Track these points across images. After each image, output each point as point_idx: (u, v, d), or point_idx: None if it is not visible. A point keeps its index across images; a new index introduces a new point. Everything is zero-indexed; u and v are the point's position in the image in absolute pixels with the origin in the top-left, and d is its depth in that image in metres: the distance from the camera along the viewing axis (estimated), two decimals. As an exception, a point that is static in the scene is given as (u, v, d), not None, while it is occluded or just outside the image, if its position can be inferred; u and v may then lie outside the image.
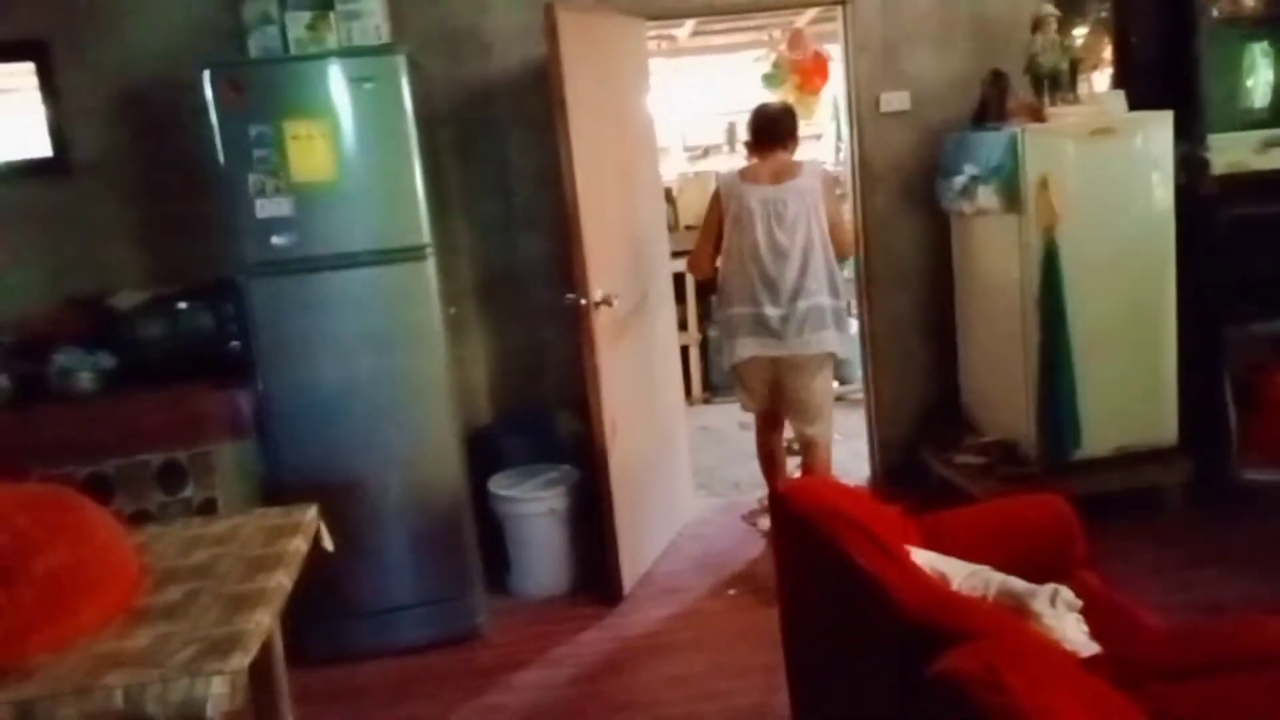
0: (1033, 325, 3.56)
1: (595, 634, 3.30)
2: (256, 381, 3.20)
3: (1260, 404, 4.07)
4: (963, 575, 1.97)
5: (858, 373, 4.68)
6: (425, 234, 3.16)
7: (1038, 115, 3.62)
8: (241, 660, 1.61)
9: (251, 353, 3.19)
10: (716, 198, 3.68)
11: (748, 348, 3.58)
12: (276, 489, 3.20)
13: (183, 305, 3.43)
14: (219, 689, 1.55)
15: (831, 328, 3.54)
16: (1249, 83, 4.15)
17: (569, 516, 3.59)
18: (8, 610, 1.68)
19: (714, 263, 3.71)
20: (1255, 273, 3.86)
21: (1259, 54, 4.13)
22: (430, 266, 3.19)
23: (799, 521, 2.01)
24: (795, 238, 3.50)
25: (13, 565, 1.72)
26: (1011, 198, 3.52)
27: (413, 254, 3.16)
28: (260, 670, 2.26)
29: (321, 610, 3.18)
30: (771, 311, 3.50)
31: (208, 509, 3.22)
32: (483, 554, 3.43)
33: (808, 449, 3.69)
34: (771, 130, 3.65)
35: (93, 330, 3.43)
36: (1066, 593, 1.91)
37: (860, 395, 4.54)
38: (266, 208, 3.05)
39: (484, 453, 3.73)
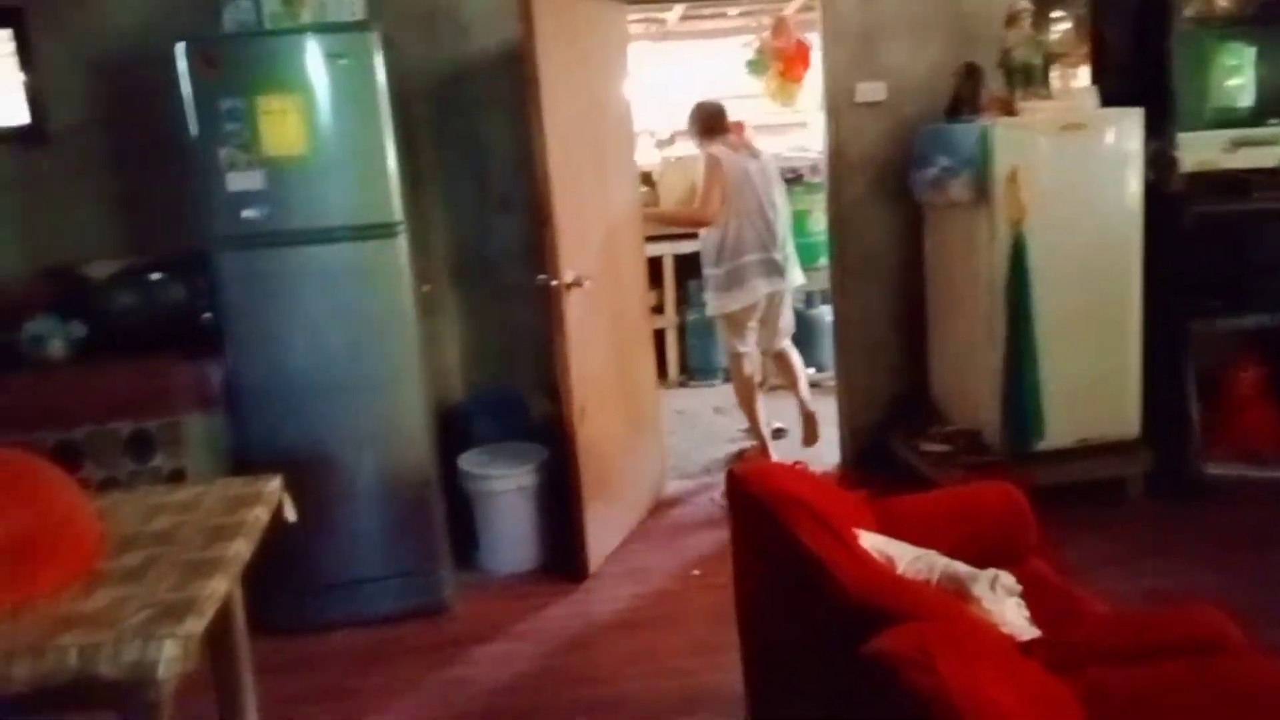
0: (999, 316, 3.61)
1: (560, 610, 3.34)
2: (226, 354, 3.22)
3: (1222, 399, 4.14)
4: (909, 559, 2.02)
5: (830, 360, 4.73)
6: (397, 211, 3.18)
7: (1009, 109, 3.66)
8: (195, 625, 1.64)
9: (221, 326, 3.21)
10: (718, 164, 4.25)
11: (760, 287, 4.32)
12: (245, 461, 3.22)
13: (155, 276, 3.44)
14: (171, 651, 1.57)
15: (796, 267, 4.54)
16: (1221, 82, 4.20)
17: (538, 494, 3.63)
18: (-36, 572, 1.70)
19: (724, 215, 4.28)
20: (1219, 269, 3.92)
21: (1231, 54, 4.18)
22: (402, 244, 3.21)
23: (752, 502, 2.05)
24: (776, 199, 4.40)
25: None
26: (981, 190, 3.56)
27: (384, 231, 3.18)
28: (220, 638, 2.30)
29: (288, 581, 3.22)
30: (776, 255, 4.35)
31: (176, 479, 3.23)
32: (452, 530, 3.46)
33: (782, 359, 4.61)
34: (723, 119, 4.46)
35: (65, 299, 3.43)
36: (1007, 577, 1.95)
37: (833, 382, 4.59)
38: (237, 181, 3.06)
39: (455, 431, 3.76)
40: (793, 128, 7.03)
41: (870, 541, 2.02)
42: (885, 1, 4.03)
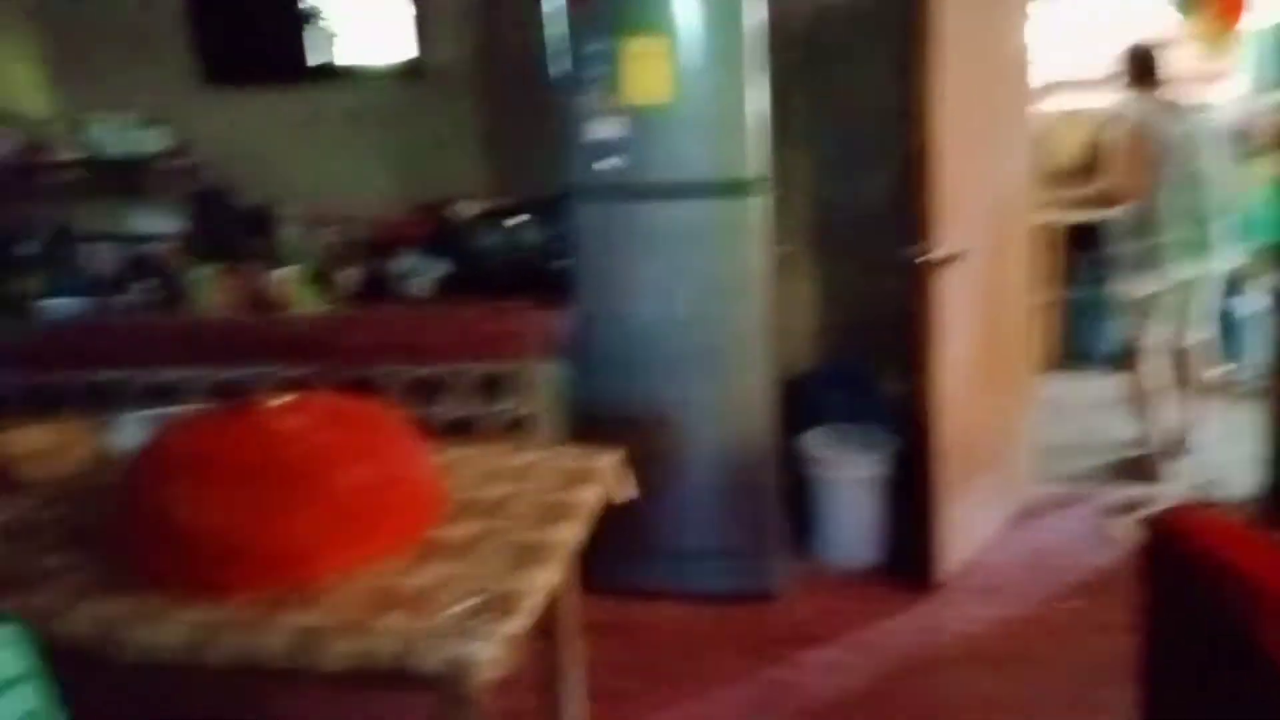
0: None
1: (901, 623, 2.98)
2: (575, 303, 3.13)
3: None
4: None
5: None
6: (760, 166, 2.90)
7: None
8: (517, 624, 1.49)
9: (574, 274, 3.13)
10: (1139, 130, 3.65)
11: (1179, 270, 3.71)
12: (586, 413, 3.15)
13: (515, 220, 3.43)
14: (490, 653, 1.43)
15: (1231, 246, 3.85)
16: None
17: (884, 486, 3.26)
18: (303, 527, 1.66)
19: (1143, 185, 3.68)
20: None
21: None
22: (762, 202, 2.93)
23: (1189, 574, 1.57)
24: (1211, 165, 3.71)
25: (312, 481, 1.71)
26: None
27: (744, 187, 2.91)
28: (547, 613, 2.19)
29: (615, 541, 3.08)
30: (1205, 232, 3.70)
31: (523, 424, 3.24)
32: (786, 512, 3.20)
33: (1189, 355, 3.91)
34: (1154, 67, 3.74)
35: (433, 236, 3.52)
36: None
37: (1254, 383, 3.78)
38: (597, 129, 2.92)
39: (799, 405, 3.47)
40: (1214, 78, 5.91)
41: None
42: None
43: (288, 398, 1.90)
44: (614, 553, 3.12)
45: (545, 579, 1.64)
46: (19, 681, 1.29)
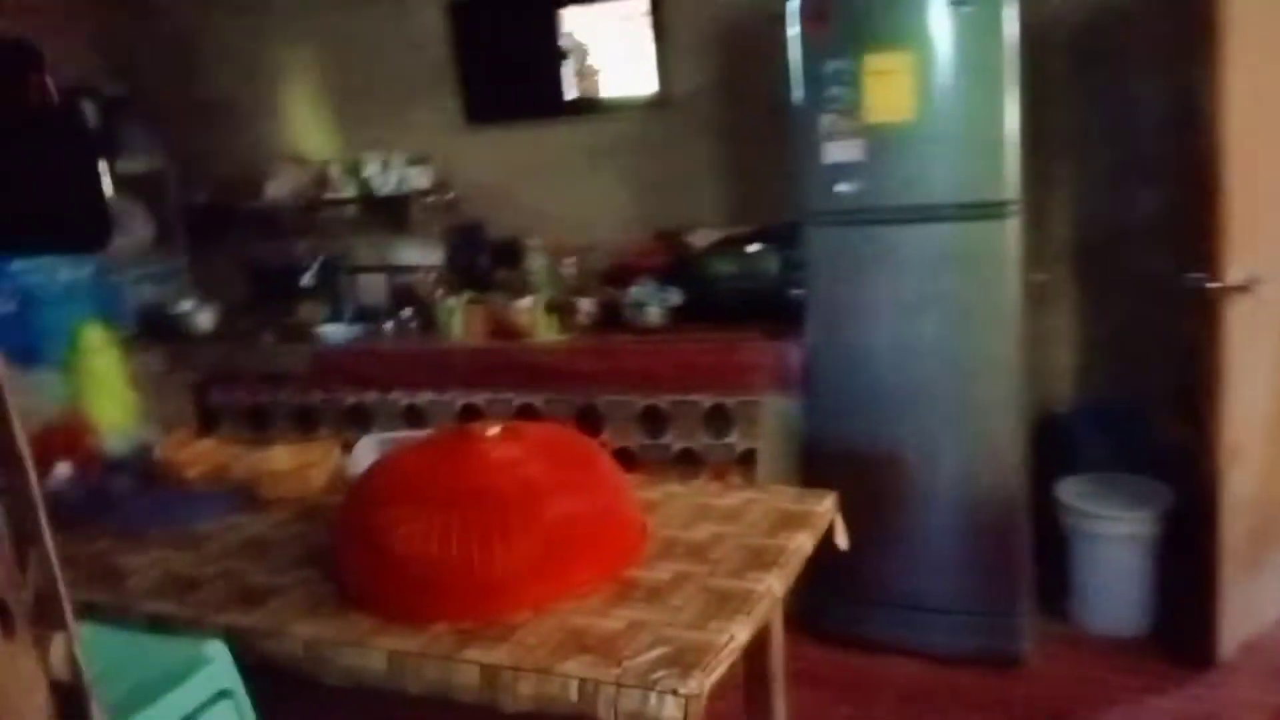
0: None
1: (1171, 703, 2.61)
2: (807, 334, 3.01)
3: None
4: None
5: None
6: (1012, 188, 2.66)
7: None
8: (701, 683, 1.40)
9: (806, 304, 3.01)
10: None
11: None
12: (816, 449, 3.02)
13: (751, 248, 3.36)
14: (671, 711, 1.36)
15: None
16: None
17: (1156, 545, 2.89)
18: (506, 557, 1.66)
19: None
20: None
21: None
22: (1014, 225, 2.69)
23: None
24: None
25: (518, 512, 1.70)
26: None
27: (994, 210, 2.68)
28: (755, 655, 2.08)
29: (840, 586, 2.96)
30: None
31: (748, 459, 3.16)
32: (1037, 568, 2.90)
33: None
34: None
35: (668, 265, 3.52)
36: None
37: None
38: (835, 151, 2.79)
39: (1055, 447, 3.15)
40: None
41: None
42: None
43: (502, 427, 1.92)
44: (839, 597, 2.99)
45: (741, 633, 1.54)
46: (221, 698, 1.36)
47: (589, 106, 3.89)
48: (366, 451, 2.36)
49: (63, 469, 2.13)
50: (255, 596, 1.76)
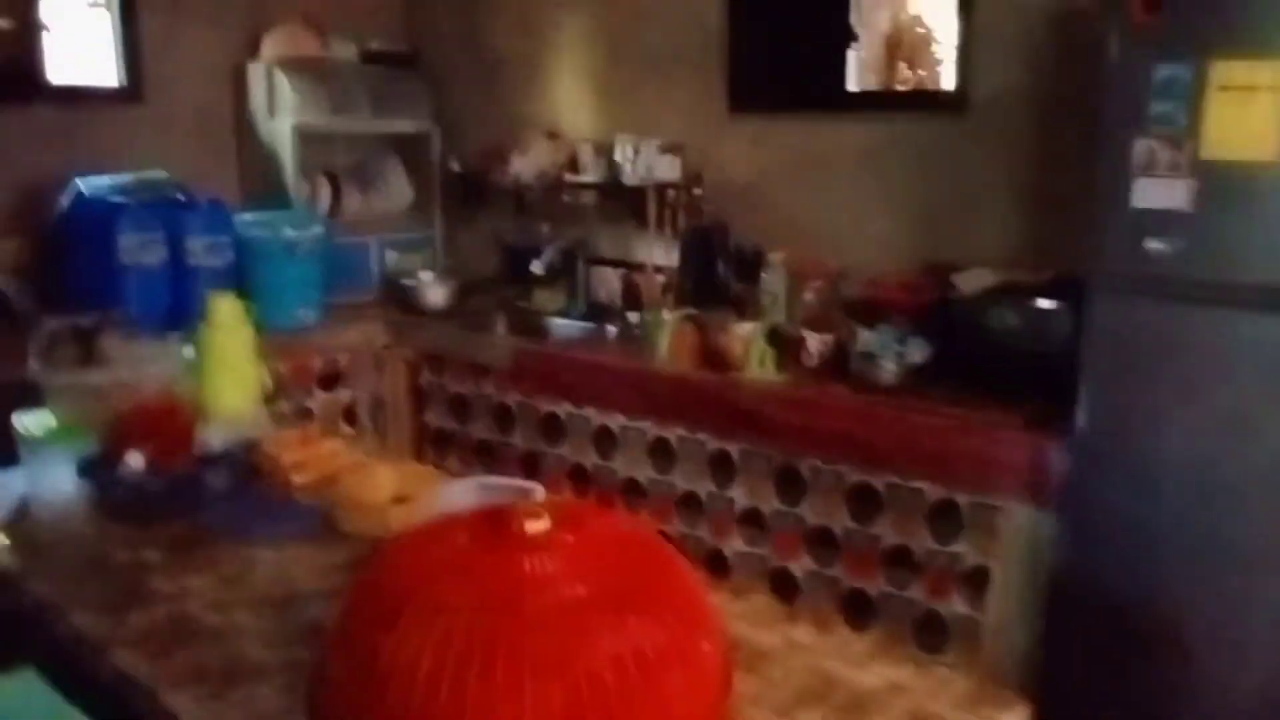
0: None
1: None
2: (1077, 430, 2.22)
3: None
4: None
5: None
6: None
7: None
8: None
9: (1082, 390, 2.22)
10: None
11: None
12: (1066, 589, 2.26)
13: (1030, 303, 2.58)
14: None
15: None
16: None
17: None
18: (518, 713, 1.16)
19: None
20: None
21: None
22: None
23: None
24: None
25: (550, 651, 1.18)
26: None
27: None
28: None
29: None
30: None
31: (978, 579, 2.44)
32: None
33: None
34: None
35: (926, 308, 2.82)
36: None
37: None
38: (1149, 192, 1.99)
39: None
40: None
41: None
42: None
43: (556, 516, 1.42)
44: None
45: None
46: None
47: (873, 102, 3.26)
48: (457, 497, 1.97)
49: (134, 458, 1.92)
50: (231, 672, 1.41)
